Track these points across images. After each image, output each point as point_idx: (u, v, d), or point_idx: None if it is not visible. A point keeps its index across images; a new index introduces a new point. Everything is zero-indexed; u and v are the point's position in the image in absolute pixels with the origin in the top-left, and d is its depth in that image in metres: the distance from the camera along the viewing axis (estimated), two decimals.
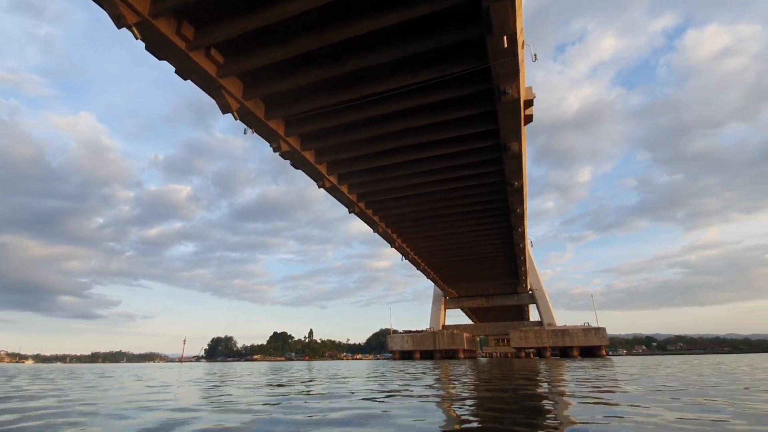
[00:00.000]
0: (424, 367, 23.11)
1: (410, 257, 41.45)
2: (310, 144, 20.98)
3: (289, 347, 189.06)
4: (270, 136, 19.16)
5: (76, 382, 13.54)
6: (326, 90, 17.06)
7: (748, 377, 10.60)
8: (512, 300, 60.88)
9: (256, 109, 17.38)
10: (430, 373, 15.56)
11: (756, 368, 15.58)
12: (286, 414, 5.11)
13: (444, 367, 22.18)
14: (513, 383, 9.71)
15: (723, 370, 14.32)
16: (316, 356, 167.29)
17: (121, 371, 27.92)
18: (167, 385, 11.56)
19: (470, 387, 8.92)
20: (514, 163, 22.60)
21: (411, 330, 59.88)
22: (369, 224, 32.03)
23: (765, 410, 4.73)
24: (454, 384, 9.93)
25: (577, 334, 50.16)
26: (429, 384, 9.91)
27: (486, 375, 13.83)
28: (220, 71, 15.12)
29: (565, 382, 10.08)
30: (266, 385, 10.57)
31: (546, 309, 57.25)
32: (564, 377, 11.87)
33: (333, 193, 26.14)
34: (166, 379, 15.39)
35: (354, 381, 11.69)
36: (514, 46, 13.94)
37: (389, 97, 17.19)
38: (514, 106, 17.40)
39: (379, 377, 13.50)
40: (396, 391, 8.17)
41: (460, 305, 64.72)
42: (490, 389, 8.28)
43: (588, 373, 14.25)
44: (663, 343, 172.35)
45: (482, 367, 23.22)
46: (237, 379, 14.44)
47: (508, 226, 33.51)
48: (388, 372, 17.68)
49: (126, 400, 7.28)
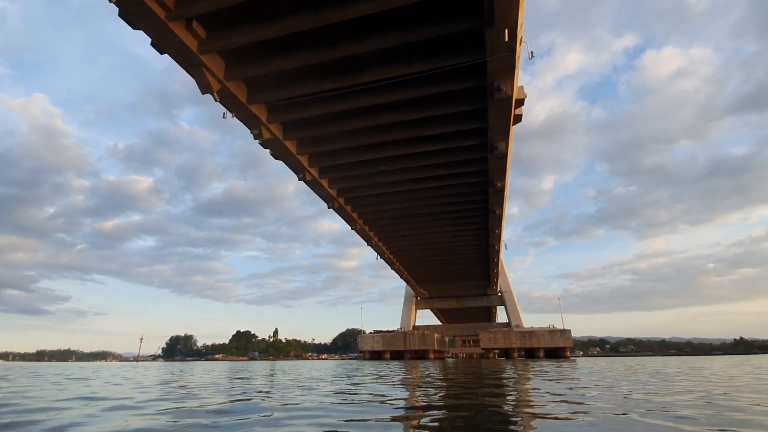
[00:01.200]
0: (398, 369, 22.62)
1: (386, 256, 40.95)
2: (292, 133, 20.01)
3: (252, 347, 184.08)
4: (251, 121, 18.05)
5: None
6: (315, 76, 16.21)
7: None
8: (482, 301, 61.72)
9: (238, 92, 16.27)
10: (406, 382, 15.03)
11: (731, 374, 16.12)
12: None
13: (415, 369, 21.77)
14: (513, 397, 9.32)
15: (719, 378, 14.66)
16: (280, 356, 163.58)
17: (57, 369, 25.64)
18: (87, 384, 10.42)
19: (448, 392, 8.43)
20: (499, 163, 22.55)
21: (381, 330, 59.42)
22: (347, 221, 31.25)
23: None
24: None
25: (544, 336, 51.41)
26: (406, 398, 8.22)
27: (472, 379, 13.47)
28: (202, 47, 13.95)
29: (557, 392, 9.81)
30: (214, 384, 9.66)
31: (514, 311, 58.37)
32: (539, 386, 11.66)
33: (313, 187, 25.19)
34: (97, 378, 14.02)
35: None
36: (513, 41, 13.68)
37: (381, 88, 16.57)
38: (506, 104, 17.23)
39: (345, 379, 12.78)
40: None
41: (431, 306, 64.92)
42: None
43: (563, 377, 14.17)
44: (615, 346, 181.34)
45: (462, 368, 23.02)
46: (187, 377, 13.35)
47: (485, 227, 33.68)
48: (356, 373, 16.99)
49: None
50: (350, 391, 8.33)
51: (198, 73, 14.79)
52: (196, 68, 14.64)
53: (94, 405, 6.42)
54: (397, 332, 57.08)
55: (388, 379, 12.54)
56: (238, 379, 13.37)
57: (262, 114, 17.98)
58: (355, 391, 8.49)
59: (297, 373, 18.82)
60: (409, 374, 15.23)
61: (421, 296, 62.43)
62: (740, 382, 9.89)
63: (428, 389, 8.74)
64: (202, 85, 15.17)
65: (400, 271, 47.58)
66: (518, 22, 12.95)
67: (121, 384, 11.74)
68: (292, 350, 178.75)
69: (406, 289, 63.66)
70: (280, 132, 19.58)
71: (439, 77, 16.05)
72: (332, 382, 11.59)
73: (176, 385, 11.18)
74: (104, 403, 6.74)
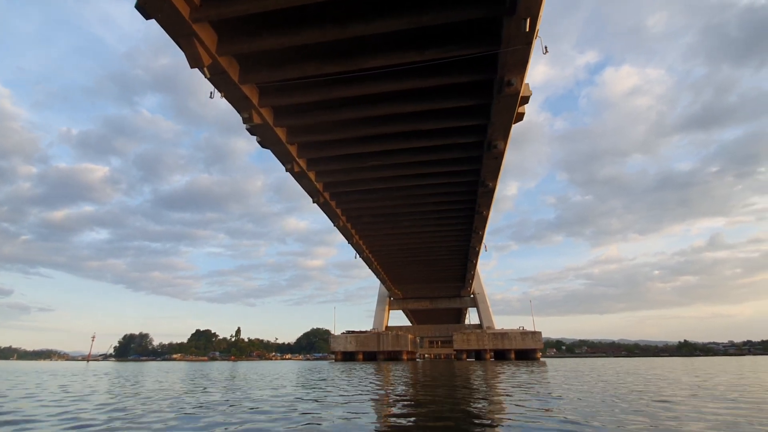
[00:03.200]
0: (379, 375, 21.76)
1: (364, 255, 39.96)
2: (284, 119, 18.69)
3: (213, 346, 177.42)
4: (241, 103, 16.59)
5: None
6: (317, 57, 15.03)
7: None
8: (455, 303, 61.96)
9: (230, 68, 14.81)
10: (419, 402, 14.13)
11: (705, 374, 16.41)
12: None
13: (413, 375, 20.99)
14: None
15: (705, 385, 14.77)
16: (242, 356, 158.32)
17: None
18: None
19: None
20: (494, 163, 22.18)
21: (354, 330, 58.26)
22: (330, 217, 30.02)
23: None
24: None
25: (516, 337, 52.16)
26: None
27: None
28: (195, 14, 12.47)
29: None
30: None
31: (486, 313, 58.96)
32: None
33: (300, 180, 23.83)
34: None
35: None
36: (532, 33, 13.18)
37: (385, 75, 15.64)
38: (512, 101, 16.78)
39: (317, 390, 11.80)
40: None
41: (404, 307, 64.49)
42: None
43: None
44: (571, 347, 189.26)
45: (447, 372, 22.46)
46: (130, 385, 11.89)
47: (469, 228, 33.46)
48: (330, 383, 15.94)
49: None
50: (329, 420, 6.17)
51: (188, 45, 13.24)
52: (186, 38, 13.09)
53: None
54: (371, 333, 56.15)
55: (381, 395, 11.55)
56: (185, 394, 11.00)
57: (253, 96, 16.57)
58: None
59: (254, 381, 17.50)
60: (409, 388, 14.27)
61: (395, 297, 61.85)
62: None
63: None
64: (192, 58, 13.61)
65: (377, 270, 46.71)
66: (540, 13, 12.44)
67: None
68: (255, 350, 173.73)
69: (379, 289, 62.88)
70: (271, 117, 18.20)
71: (448, 68, 15.34)
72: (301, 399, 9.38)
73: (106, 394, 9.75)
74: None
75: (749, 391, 10.06)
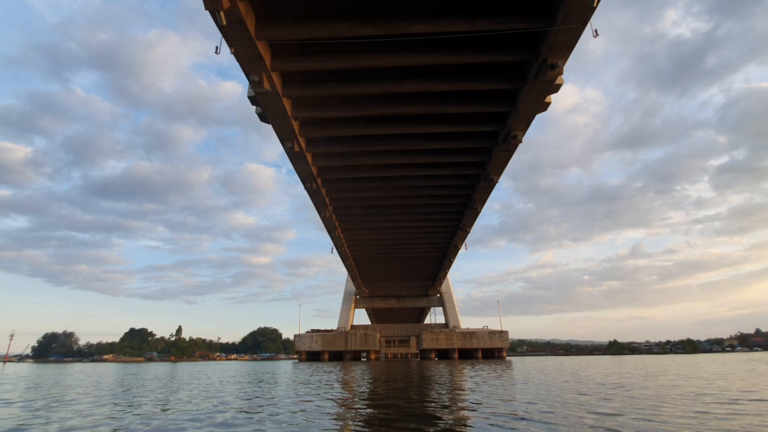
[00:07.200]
0: (366, 380, 20.15)
1: (342, 250, 38.02)
2: (293, 88, 16.53)
3: (149, 346, 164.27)
4: (252, 64, 14.24)
5: None
6: (351, 16, 13.17)
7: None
8: (422, 302, 61.49)
9: (247, 17, 12.53)
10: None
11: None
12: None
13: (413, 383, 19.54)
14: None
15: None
16: (184, 356, 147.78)
17: None
18: None
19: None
20: (504, 156, 21.46)
21: (320, 329, 55.74)
22: (317, 206, 27.86)
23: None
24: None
25: (483, 337, 52.61)
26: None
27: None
28: None
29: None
30: None
31: (453, 312, 59.08)
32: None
33: (295, 161, 21.55)
34: None
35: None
36: (589, 13, 12.37)
37: (422, 44, 14.18)
38: (545, 88, 16.00)
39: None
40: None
41: (371, 305, 62.95)
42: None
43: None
44: (513, 346, 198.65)
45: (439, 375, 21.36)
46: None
47: (456, 224, 32.78)
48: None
49: None
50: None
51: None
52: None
53: None
54: (338, 332, 53.99)
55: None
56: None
57: (266, 56, 14.30)
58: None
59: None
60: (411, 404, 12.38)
61: (362, 295, 60.12)
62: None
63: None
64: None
65: (351, 267, 44.86)
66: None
67: None
68: (198, 350, 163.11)
69: (345, 287, 60.92)
70: (280, 84, 15.98)
71: (488, 43, 14.16)
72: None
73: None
74: None
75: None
